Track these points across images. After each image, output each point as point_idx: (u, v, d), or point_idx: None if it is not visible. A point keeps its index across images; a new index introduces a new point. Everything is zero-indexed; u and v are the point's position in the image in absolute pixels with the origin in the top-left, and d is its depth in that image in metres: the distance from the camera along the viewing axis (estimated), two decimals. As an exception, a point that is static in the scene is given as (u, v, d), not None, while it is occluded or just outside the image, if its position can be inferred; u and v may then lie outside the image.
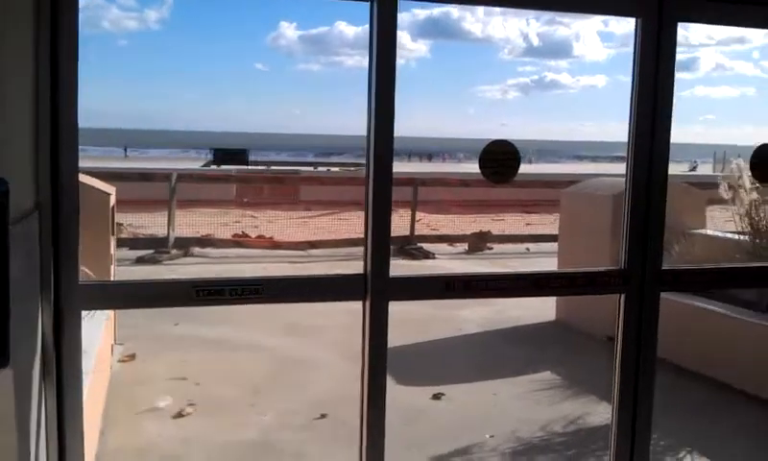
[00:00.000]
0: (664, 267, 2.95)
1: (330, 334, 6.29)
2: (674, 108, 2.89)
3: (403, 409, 4.50)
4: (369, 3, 2.56)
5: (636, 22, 2.84)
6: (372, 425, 2.66)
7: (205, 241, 11.72)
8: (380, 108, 2.57)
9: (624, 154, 2.95)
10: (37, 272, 2.24)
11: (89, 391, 3.77)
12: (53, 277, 2.29)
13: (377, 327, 2.64)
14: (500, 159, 2.77)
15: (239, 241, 12.00)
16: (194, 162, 31.97)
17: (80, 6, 2.22)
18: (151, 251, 10.71)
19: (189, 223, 12.82)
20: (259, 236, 12.64)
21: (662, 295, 2.90)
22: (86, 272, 5.07)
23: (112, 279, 5.93)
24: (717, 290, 4.86)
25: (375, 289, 2.62)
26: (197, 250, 11.23)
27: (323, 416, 4.69)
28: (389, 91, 2.58)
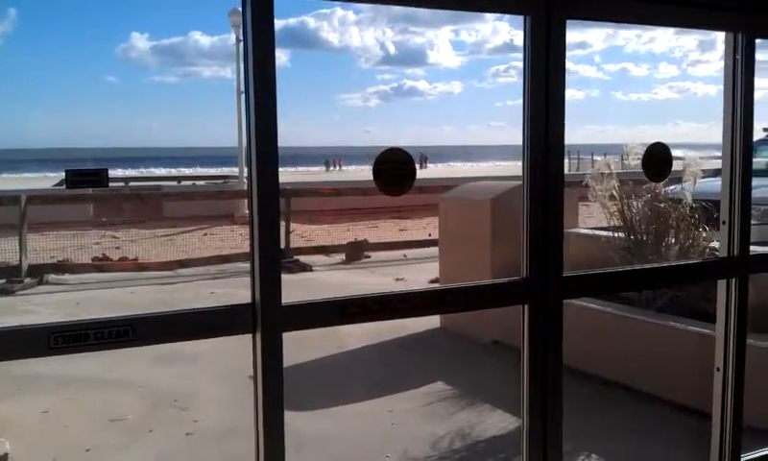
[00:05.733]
0: (566, 274, 2.84)
1: (205, 361, 5.87)
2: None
3: (292, 436, 4.20)
4: (241, 5, 2.30)
5: (525, 20, 2.73)
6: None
7: (62, 267, 10.81)
8: (260, 117, 2.30)
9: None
10: None
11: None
12: None
13: (272, 361, 2.36)
14: (396, 169, 2.57)
15: (100, 265, 11.18)
16: (45, 182, 30.03)
17: None
18: (2, 280, 9.77)
19: (43, 248, 11.85)
20: (122, 258, 11.87)
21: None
22: None
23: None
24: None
25: (267, 320, 2.34)
26: (53, 277, 10.35)
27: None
28: (269, 99, 2.31)
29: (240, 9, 2.34)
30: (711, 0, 2.97)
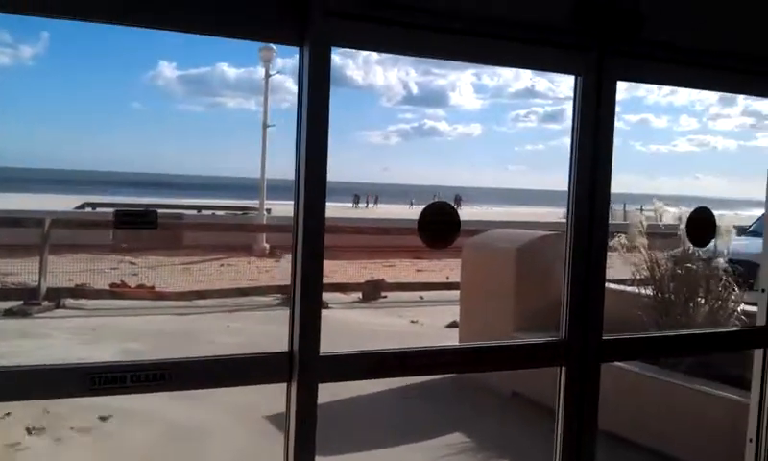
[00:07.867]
0: (605, 336, 2.77)
1: (224, 395, 5.79)
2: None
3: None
4: (298, 48, 2.30)
5: (576, 79, 2.72)
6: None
7: (80, 292, 10.81)
8: (312, 155, 2.30)
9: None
10: None
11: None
12: None
13: (306, 413, 2.30)
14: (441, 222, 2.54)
15: (117, 292, 11.17)
16: (67, 204, 30.29)
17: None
18: (20, 302, 9.76)
19: (62, 270, 11.86)
20: (140, 286, 11.86)
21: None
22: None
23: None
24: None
25: (303, 370, 2.28)
26: (70, 301, 10.34)
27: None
28: (321, 138, 2.31)
29: (272, 46, 2.33)
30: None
